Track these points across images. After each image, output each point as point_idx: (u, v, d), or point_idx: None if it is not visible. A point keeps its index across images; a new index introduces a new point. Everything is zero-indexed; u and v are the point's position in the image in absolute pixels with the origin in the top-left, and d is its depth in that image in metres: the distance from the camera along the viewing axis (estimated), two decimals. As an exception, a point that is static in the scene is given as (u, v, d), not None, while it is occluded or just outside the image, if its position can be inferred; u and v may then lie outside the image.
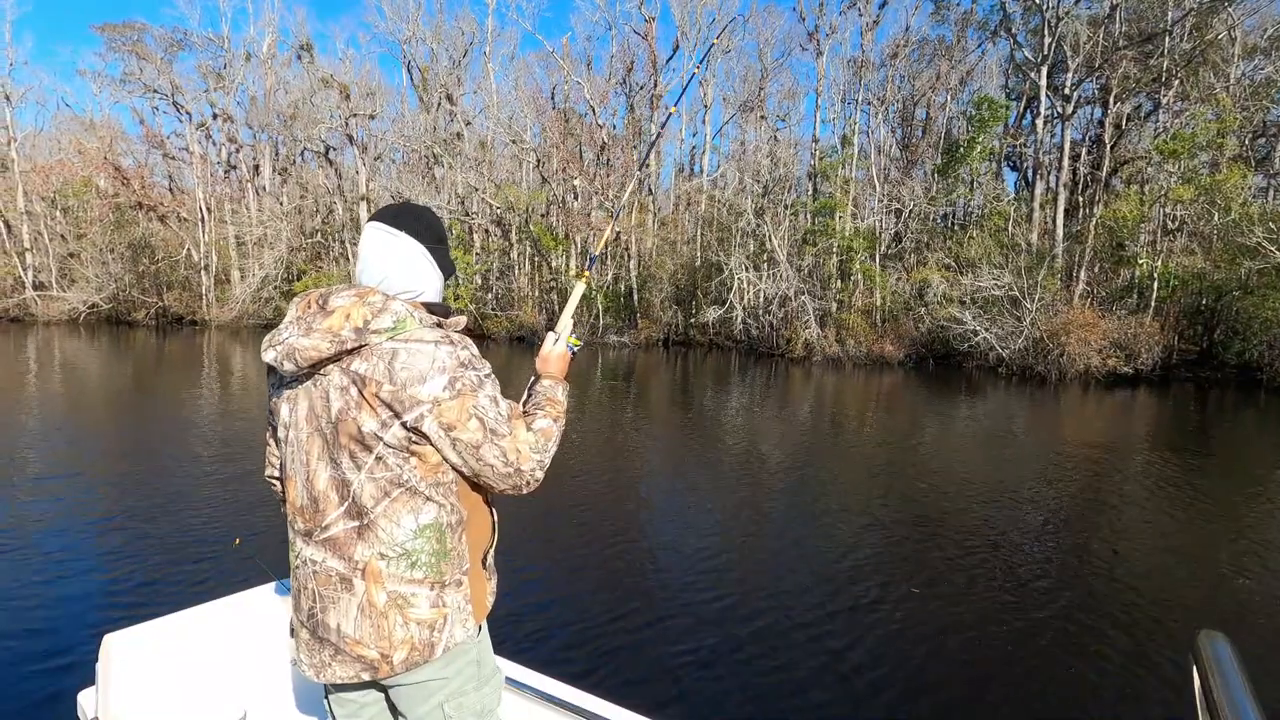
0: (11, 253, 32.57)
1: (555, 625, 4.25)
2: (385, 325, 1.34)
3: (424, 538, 1.38)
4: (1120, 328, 19.27)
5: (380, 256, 1.46)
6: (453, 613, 1.43)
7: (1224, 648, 0.92)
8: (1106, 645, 4.17)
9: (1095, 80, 23.99)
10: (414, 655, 1.39)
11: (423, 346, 1.34)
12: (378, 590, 1.37)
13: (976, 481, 8.30)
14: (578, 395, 15.03)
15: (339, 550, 1.38)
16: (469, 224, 29.70)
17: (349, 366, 1.34)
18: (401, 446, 1.35)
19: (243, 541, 5.18)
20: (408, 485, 1.37)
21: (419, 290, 1.48)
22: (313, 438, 1.39)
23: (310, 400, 1.40)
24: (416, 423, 1.33)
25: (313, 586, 1.42)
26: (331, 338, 1.33)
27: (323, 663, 1.42)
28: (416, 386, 1.32)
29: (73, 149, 34.12)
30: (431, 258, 1.50)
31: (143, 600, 4.33)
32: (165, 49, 33.16)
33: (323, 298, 1.40)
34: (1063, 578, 5.24)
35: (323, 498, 1.39)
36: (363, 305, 1.35)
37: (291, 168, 33.67)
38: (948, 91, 28.37)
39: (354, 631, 1.38)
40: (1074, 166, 24.27)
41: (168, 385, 15.24)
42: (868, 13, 26.86)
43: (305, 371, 1.38)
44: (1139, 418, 14.22)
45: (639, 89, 29.98)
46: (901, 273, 24.27)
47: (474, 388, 1.36)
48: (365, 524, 1.37)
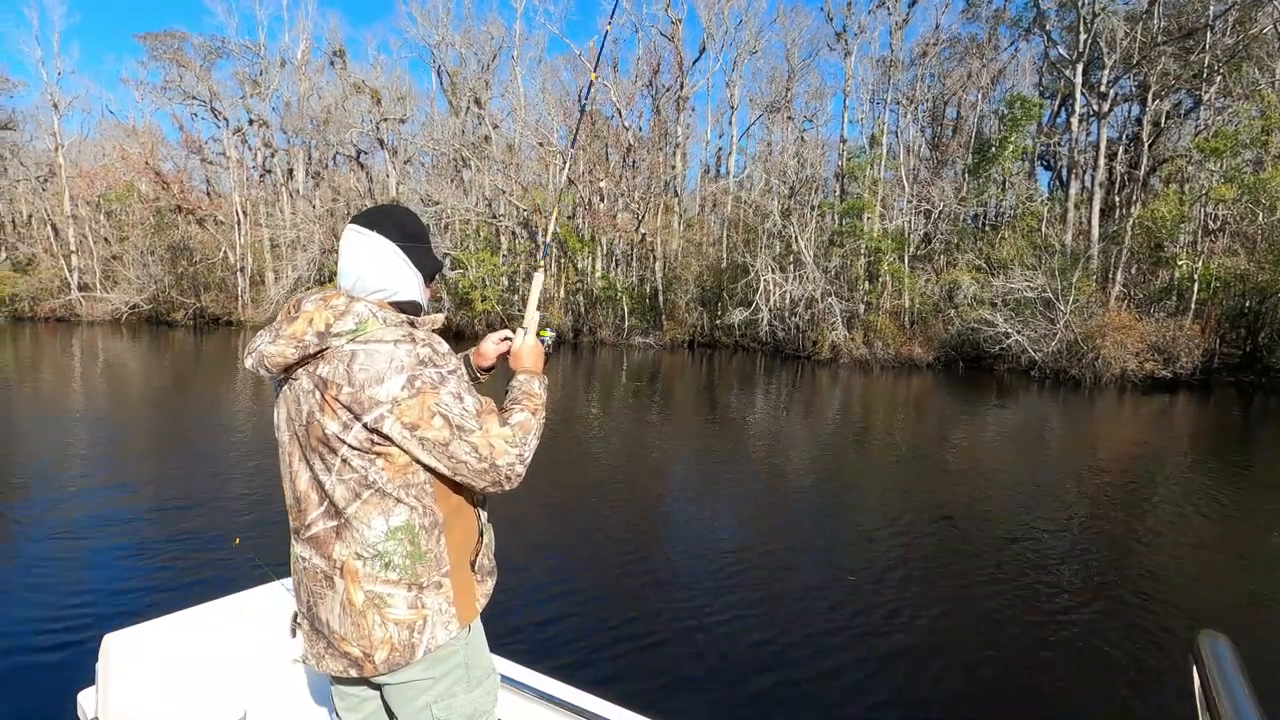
0: (58, 255, 33.64)
1: (574, 625, 4.25)
2: (347, 328, 1.35)
3: (396, 540, 1.39)
4: (1158, 330, 18.73)
5: (354, 257, 1.47)
6: (433, 615, 1.43)
7: (1224, 648, 0.91)
8: (1122, 650, 4.05)
9: (1133, 77, 23.37)
10: (395, 656, 1.40)
11: (381, 347, 1.34)
12: (355, 589, 1.39)
13: (1006, 487, 8.14)
14: (602, 396, 15.07)
15: (320, 549, 1.42)
16: (496, 226, 29.96)
17: (314, 370, 1.37)
18: (365, 448, 1.35)
19: (243, 541, 5.19)
20: (376, 487, 1.37)
21: (393, 289, 1.47)
22: (293, 440, 1.44)
23: (287, 404, 1.43)
24: (376, 424, 1.33)
25: (305, 582, 1.46)
26: (295, 343, 1.36)
27: (319, 654, 1.47)
28: (374, 387, 1.32)
29: (116, 155, 35.11)
30: (405, 256, 1.48)
31: (143, 600, 4.34)
32: (204, 57, 34.04)
33: (297, 303, 1.43)
34: (1085, 585, 5.10)
35: (304, 498, 1.43)
36: (325, 309, 1.37)
37: (324, 171, 34.30)
38: (979, 90, 27.86)
39: (339, 628, 1.41)
40: (1110, 165, 23.68)
41: (193, 386, 15.50)
42: (897, 12, 26.49)
43: (281, 376, 1.42)
44: (1178, 423, 13.81)
45: (665, 90, 29.96)
46: (931, 274, 23.88)
47: (434, 385, 1.35)
48: (342, 523, 1.39)
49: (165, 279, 32.63)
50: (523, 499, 6.70)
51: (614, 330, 26.74)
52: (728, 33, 30.17)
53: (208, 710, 1.97)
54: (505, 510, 6.32)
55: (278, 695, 2.10)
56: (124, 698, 1.92)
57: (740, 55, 31.27)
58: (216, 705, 1.98)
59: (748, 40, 30.90)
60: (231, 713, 1.98)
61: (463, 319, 28.04)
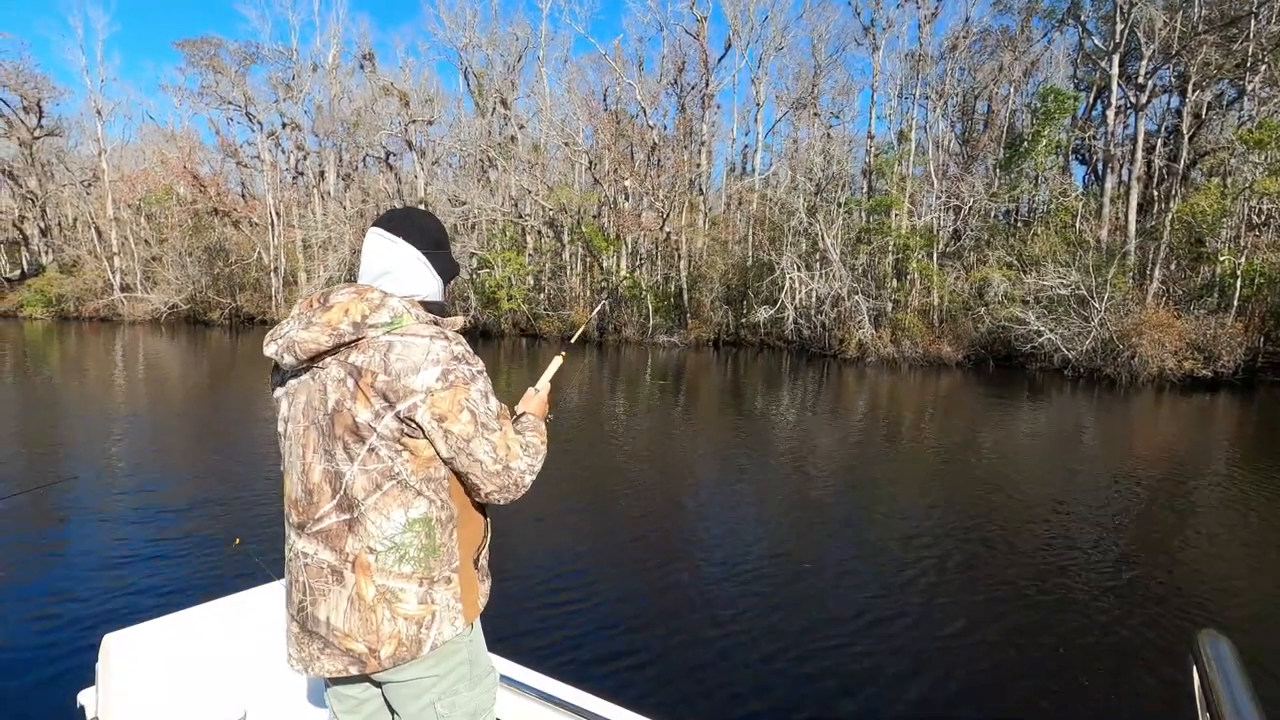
0: (101, 257, 34.70)
1: (593, 625, 4.25)
2: (383, 320, 1.38)
3: (413, 531, 1.40)
4: (1198, 328, 18.17)
5: (378, 261, 1.50)
6: (441, 610, 1.44)
7: (1224, 648, 0.91)
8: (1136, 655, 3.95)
9: (1172, 68, 22.67)
10: (401, 651, 1.41)
11: (418, 340, 1.37)
12: (367, 583, 1.40)
13: (1039, 487, 7.96)
14: (627, 395, 15.09)
15: (330, 542, 1.41)
16: (522, 225, 30.16)
17: (346, 359, 1.38)
18: (394, 438, 1.37)
19: (243, 541, 5.18)
20: (399, 479, 1.39)
21: (415, 294, 1.51)
22: (309, 430, 1.43)
23: (308, 393, 1.43)
24: (410, 412, 1.35)
25: (304, 580, 1.45)
26: (330, 331, 1.37)
27: (311, 656, 1.45)
28: (410, 377, 1.35)
29: (156, 159, 36.12)
30: (429, 262, 1.52)
31: (143, 600, 4.33)
32: (239, 62, 34.81)
33: (323, 296, 1.45)
34: (1113, 590, 4.97)
35: (317, 490, 1.42)
36: (361, 301, 1.40)
37: (354, 173, 34.88)
38: (1011, 84, 27.26)
39: (343, 624, 1.41)
40: (1148, 159, 23.00)
41: (217, 387, 15.62)
42: (926, 5, 26.05)
43: (304, 365, 1.43)
44: (1218, 423, 13.39)
45: (690, 89, 29.86)
46: (960, 271, 23.46)
47: (467, 380, 1.39)
48: (355, 517, 1.40)
49: (202, 279, 33.49)
50: (545, 497, 6.77)
51: (638, 329, 26.75)
52: (753, 29, 29.97)
53: (208, 710, 1.97)
54: (531, 509, 6.40)
55: (278, 695, 2.10)
56: (124, 698, 1.93)
57: (766, 52, 31.06)
58: (216, 705, 1.99)
59: (773, 37, 30.66)
60: (231, 713, 1.99)
61: (489, 317, 28.30)
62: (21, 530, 5.64)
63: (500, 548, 5.99)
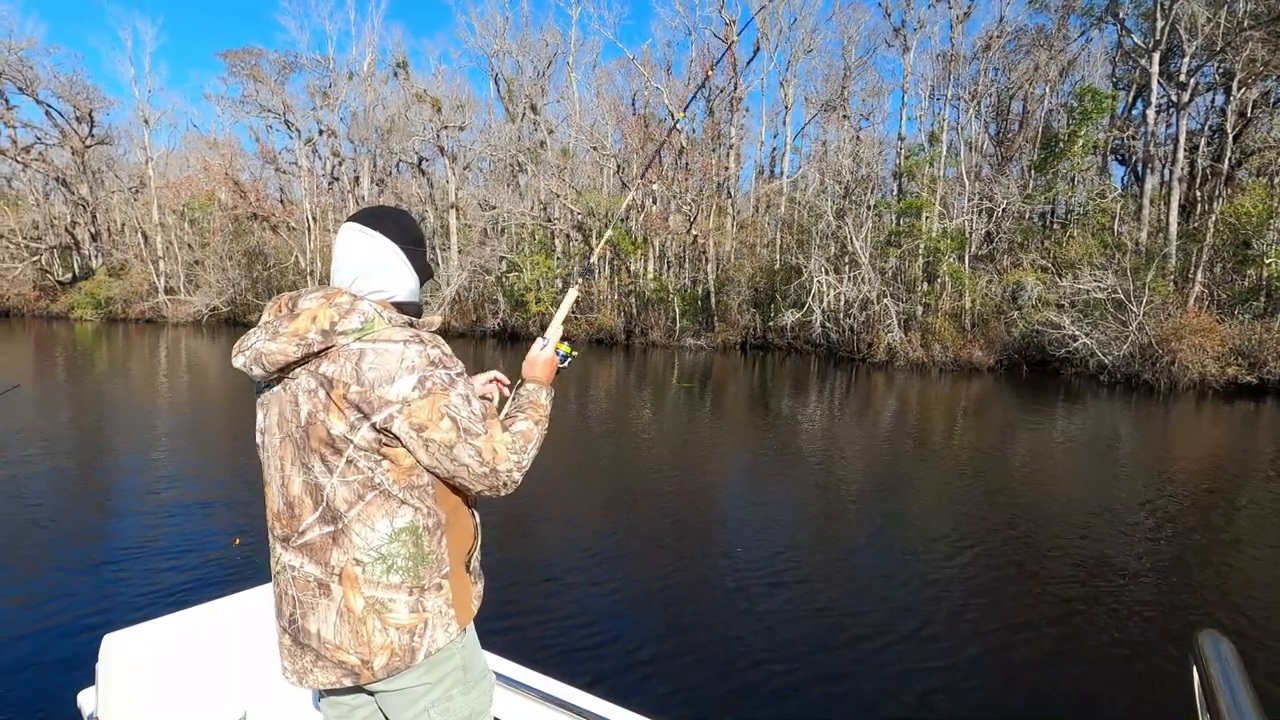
0: (147, 261, 35.88)
1: (616, 625, 4.29)
2: (353, 326, 1.32)
3: (400, 541, 1.37)
4: (1243, 333, 17.56)
5: (353, 255, 1.45)
6: (433, 617, 1.41)
7: (1224, 648, 0.91)
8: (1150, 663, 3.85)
9: (1216, 64, 21.95)
10: (395, 661, 1.39)
11: (391, 346, 1.32)
12: (355, 595, 1.36)
13: (1072, 494, 7.79)
14: (653, 397, 15.10)
15: (315, 556, 1.38)
16: (550, 229, 30.38)
17: (317, 369, 1.33)
18: (372, 448, 1.33)
19: (243, 541, 5.19)
20: (381, 489, 1.35)
21: (391, 291, 1.46)
22: (285, 443, 1.39)
23: (280, 405, 1.39)
24: (386, 424, 1.31)
25: (293, 592, 1.42)
26: (298, 341, 1.31)
27: (304, 669, 1.43)
28: (385, 387, 1.30)
29: (199, 166, 37.19)
30: (406, 258, 1.48)
31: (143, 600, 4.33)
32: (278, 71, 35.69)
33: (292, 300, 1.39)
34: (1125, 594, 4.85)
35: (298, 503, 1.38)
36: (329, 307, 1.34)
37: (388, 179, 35.50)
38: (1046, 83, 26.62)
39: (334, 637, 1.38)
40: (1190, 159, 22.29)
41: (236, 386, 15.84)
42: (958, 5, 25.59)
43: (275, 376, 1.38)
44: (1264, 432, 12.91)
45: (719, 92, 29.79)
46: (993, 275, 22.99)
47: (445, 386, 1.34)
48: (340, 529, 1.36)
49: (242, 282, 34.39)
50: (569, 498, 6.81)
51: (665, 332, 26.73)
52: (782, 32, 29.78)
53: (208, 710, 1.98)
54: (554, 510, 6.44)
55: (278, 695, 2.10)
56: (124, 698, 1.93)
57: (795, 54, 30.84)
58: (216, 705, 2.00)
59: (803, 39, 30.44)
60: (231, 713, 2.00)
61: (517, 320, 28.55)
62: (22, 529, 5.63)
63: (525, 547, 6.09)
